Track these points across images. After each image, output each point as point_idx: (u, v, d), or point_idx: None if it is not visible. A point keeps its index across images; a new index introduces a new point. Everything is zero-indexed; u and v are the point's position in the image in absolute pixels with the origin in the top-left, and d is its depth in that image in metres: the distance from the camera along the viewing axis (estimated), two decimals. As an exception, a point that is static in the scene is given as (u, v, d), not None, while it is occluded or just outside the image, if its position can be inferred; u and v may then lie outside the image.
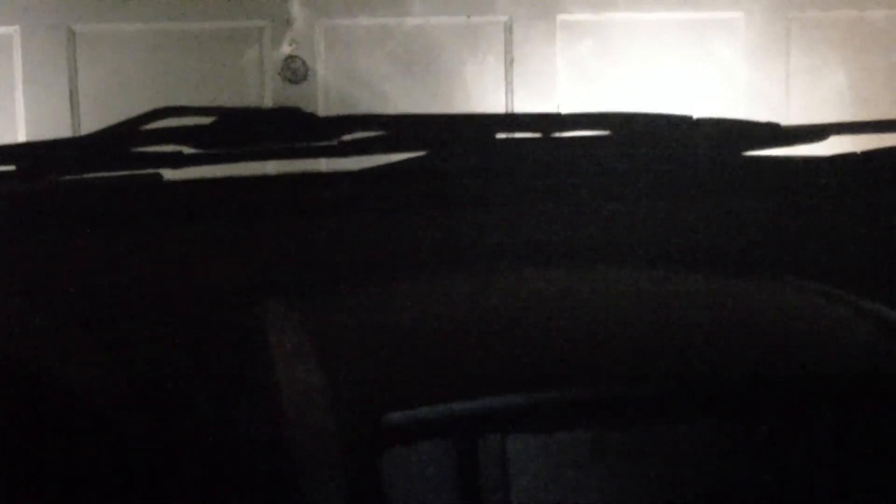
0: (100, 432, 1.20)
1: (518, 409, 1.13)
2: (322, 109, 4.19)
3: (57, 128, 4.05)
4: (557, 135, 1.71)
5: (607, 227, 1.55)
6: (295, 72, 4.20)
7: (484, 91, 4.27)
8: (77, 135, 4.01)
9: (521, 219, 1.55)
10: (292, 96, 4.17)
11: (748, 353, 1.25)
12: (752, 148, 1.73)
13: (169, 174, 1.61)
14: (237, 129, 1.68)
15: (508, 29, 4.29)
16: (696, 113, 1.76)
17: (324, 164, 2.51)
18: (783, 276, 1.47)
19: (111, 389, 1.26)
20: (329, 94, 4.23)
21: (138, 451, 1.18)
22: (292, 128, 1.70)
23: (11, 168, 1.59)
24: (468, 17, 4.27)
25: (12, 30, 4.11)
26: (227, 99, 4.11)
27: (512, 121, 2.00)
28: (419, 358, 1.21)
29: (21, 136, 4.08)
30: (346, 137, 1.65)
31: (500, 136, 1.70)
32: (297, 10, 4.19)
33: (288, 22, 4.19)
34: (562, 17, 4.32)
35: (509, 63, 4.29)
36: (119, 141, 1.65)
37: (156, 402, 1.23)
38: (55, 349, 1.32)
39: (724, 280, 1.47)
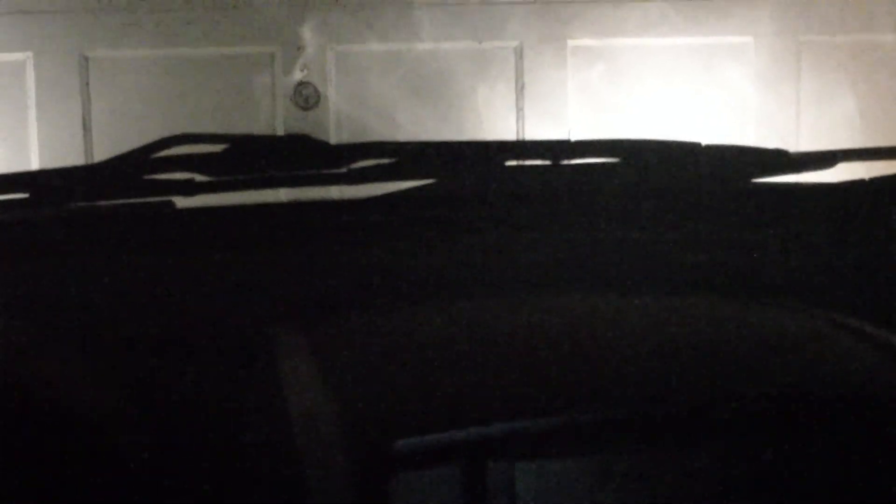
0: (111, 459, 1.20)
1: (526, 436, 1.14)
2: (334, 135, 4.20)
3: (70, 154, 4.06)
4: (567, 162, 1.72)
5: (617, 254, 1.56)
6: (307, 98, 4.21)
7: (495, 116, 4.27)
8: (90, 161, 4.02)
9: (530, 246, 1.55)
10: (304, 122, 4.19)
11: (756, 379, 1.26)
12: (761, 175, 1.73)
13: (181, 202, 1.62)
14: (248, 157, 1.69)
15: (519, 54, 4.30)
16: (707, 138, 1.76)
17: (334, 192, 2.52)
18: (792, 303, 1.47)
19: (121, 415, 1.27)
20: (341, 120, 4.24)
21: (148, 477, 1.19)
22: (303, 155, 1.71)
23: (25, 195, 1.60)
24: (479, 42, 4.28)
25: (25, 56, 4.13)
26: (239, 125, 4.12)
27: (521, 148, 2.01)
28: (427, 385, 1.21)
29: (34, 163, 4.09)
30: (356, 165, 1.65)
31: (510, 163, 1.70)
32: (308, 36, 4.20)
33: (299, 48, 4.21)
34: (572, 42, 4.32)
35: (520, 88, 4.30)
36: (131, 168, 1.66)
37: (166, 429, 1.23)
38: (68, 375, 1.33)
39: (733, 307, 1.47)
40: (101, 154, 4.04)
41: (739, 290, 1.52)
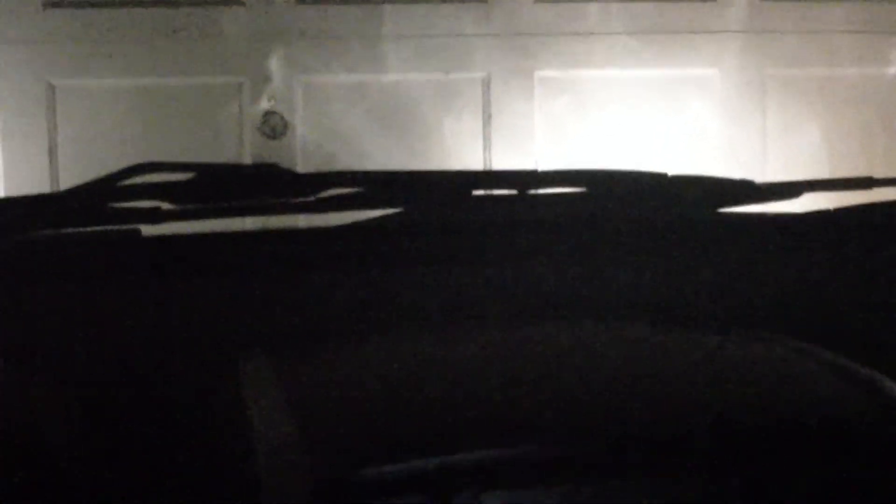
0: (70, 487, 1.20)
1: (491, 465, 1.13)
2: (301, 165, 4.20)
3: (36, 182, 4.05)
4: (533, 192, 1.72)
5: (582, 285, 1.56)
6: (273, 128, 4.21)
7: (462, 147, 4.28)
8: (56, 189, 4.00)
9: (496, 276, 1.55)
10: (271, 152, 4.18)
11: (722, 409, 1.26)
12: (727, 205, 1.74)
13: (148, 230, 1.62)
14: (215, 186, 1.68)
15: (486, 85, 4.31)
16: (672, 170, 1.77)
17: (301, 221, 2.52)
18: (758, 332, 1.48)
19: (85, 445, 1.26)
20: (307, 150, 4.24)
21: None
22: (270, 184, 1.70)
23: (-10, 223, 1.59)
24: (446, 73, 4.29)
25: (-8, 85, 4.12)
26: (206, 154, 4.11)
27: (488, 178, 2.01)
28: (393, 413, 1.21)
29: (0, 191, 4.07)
30: (324, 194, 1.65)
31: (476, 192, 1.71)
32: (275, 66, 4.21)
33: (267, 78, 4.21)
34: (539, 73, 4.34)
35: (487, 119, 4.31)
36: (97, 196, 1.66)
37: (129, 458, 1.23)
38: (31, 407, 1.32)
39: (699, 337, 1.48)
40: (66, 182, 4.02)
41: (705, 320, 1.52)
